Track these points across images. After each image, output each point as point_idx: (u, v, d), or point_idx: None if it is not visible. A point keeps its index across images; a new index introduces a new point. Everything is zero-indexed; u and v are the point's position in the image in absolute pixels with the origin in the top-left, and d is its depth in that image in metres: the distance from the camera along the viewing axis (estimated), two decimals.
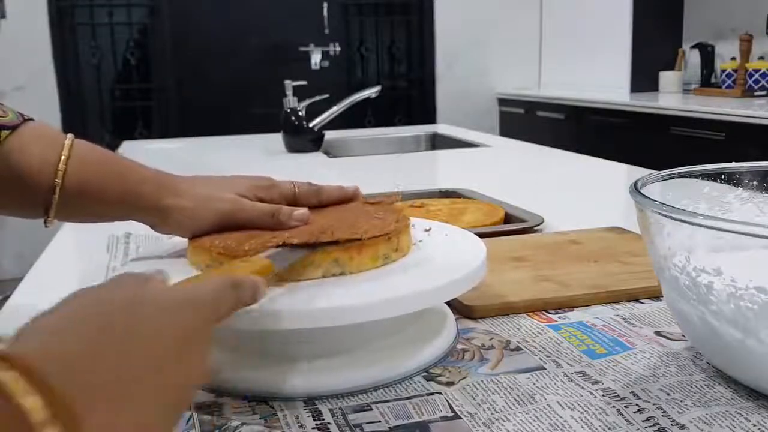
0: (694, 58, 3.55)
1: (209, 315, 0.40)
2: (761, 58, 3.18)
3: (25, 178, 0.57)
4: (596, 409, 0.49)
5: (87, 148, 0.60)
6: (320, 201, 0.66)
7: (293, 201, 0.64)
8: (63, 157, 0.57)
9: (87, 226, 0.68)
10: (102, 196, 0.59)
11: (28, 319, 0.32)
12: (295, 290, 0.52)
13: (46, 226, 0.61)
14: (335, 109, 2.07)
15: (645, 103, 3.13)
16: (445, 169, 1.83)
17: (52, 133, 0.59)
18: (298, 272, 0.54)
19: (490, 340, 0.61)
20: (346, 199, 0.68)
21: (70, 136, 0.59)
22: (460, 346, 0.60)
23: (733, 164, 0.62)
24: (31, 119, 0.60)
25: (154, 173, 0.62)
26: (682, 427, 0.46)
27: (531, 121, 3.94)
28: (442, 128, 2.56)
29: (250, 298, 0.45)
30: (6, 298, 0.77)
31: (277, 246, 0.54)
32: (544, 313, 0.67)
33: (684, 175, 0.61)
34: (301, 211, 0.61)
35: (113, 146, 2.39)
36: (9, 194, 0.59)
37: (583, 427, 0.47)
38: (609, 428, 0.47)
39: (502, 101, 4.30)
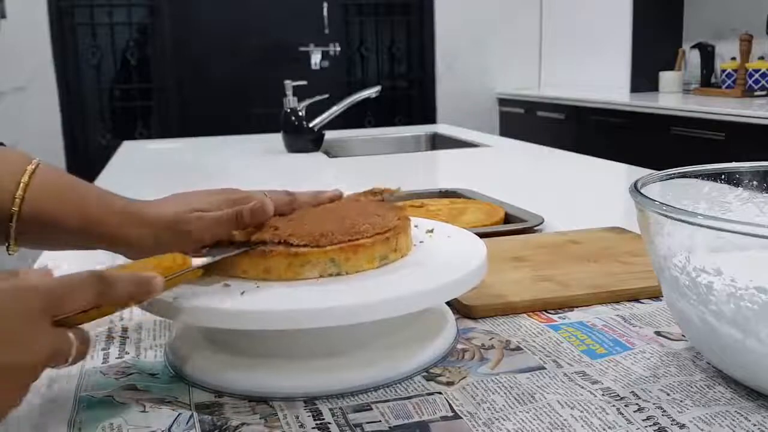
0: (694, 58, 3.55)
1: (42, 304, 0.43)
2: (761, 58, 3.18)
3: None
4: (596, 409, 0.49)
5: (51, 175, 0.57)
6: (294, 209, 0.64)
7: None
8: (22, 184, 0.55)
9: None
10: (61, 225, 0.57)
11: None
12: (294, 290, 0.52)
13: (9, 254, 0.59)
14: (335, 109, 2.07)
15: (645, 103, 3.13)
16: (445, 169, 1.83)
17: (16, 158, 0.57)
18: (296, 272, 0.54)
19: (490, 340, 0.61)
20: (321, 204, 0.66)
21: (35, 161, 0.57)
22: (460, 346, 0.60)
23: (733, 164, 0.62)
24: (1, 144, 0.59)
25: (122, 203, 0.59)
26: (682, 426, 0.46)
27: (531, 121, 3.94)
28: (442, 128, 2.56)
29: (124, 295, 0.47)
30: None
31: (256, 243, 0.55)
32: (544, 313, 0.67)
33: (684, 175, 0.61)
34: (257, 204, 0.59)
35: (113, 146, 2.39)
36: None
37: (583, 426, 0.47)
38: (609, 427, 0.47)
39: (502, 101, 4.30)
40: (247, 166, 1.82)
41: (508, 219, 1.04)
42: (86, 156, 3.83)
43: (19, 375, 0.42)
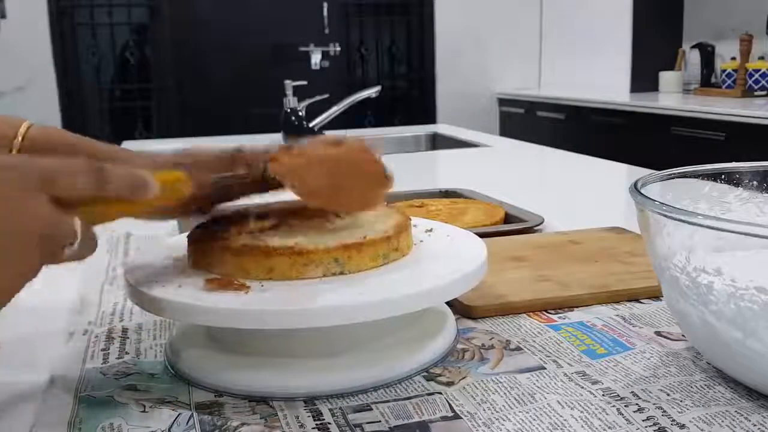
0: (694, 58, 3.55)
1: (38, 176, 0.42)
2: (761, 58, 3.18)
3: None
4: (596, 409, 0.49)
5: (40, 130, 0.58)
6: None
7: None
8: (16, 141, 0.56)
9: None
10: None
11: (27, 319, 0.32)
12: (294, 289, 0.52)
13: None
14: (335, 109, 2.07)
15: (645, 103, 3.13)
16: (445, 169, 1.83)
17: (9, 120, 0.58)
18: (299, 271, 0.54)
19: (490, 340, 0.61)
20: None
21: (25, 123, 0.57)
22: (460, 346, 0.60)
23: (733, 164, 0.62)
24: None
25: (106, 148, 0.59)
26: (682, 426, 0.46)
27: (531, 121, 3.94)
28: (442, 128, 2.56)
29: (122, 186, 0.45)
30: None
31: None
32: (544, 313, 0.67)
33: (684, 175, 0.61)
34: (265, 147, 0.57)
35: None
36: None
37: (583, 427, 0.47)
38: (609, 427, 0.47)
39: (502, 101, 4.30)
40: None
41: (508, 219, 1.04)
42: None
43: (15, 246, 0.42)
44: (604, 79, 3.87)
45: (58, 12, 3.68)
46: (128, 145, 2.35)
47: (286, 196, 0.60)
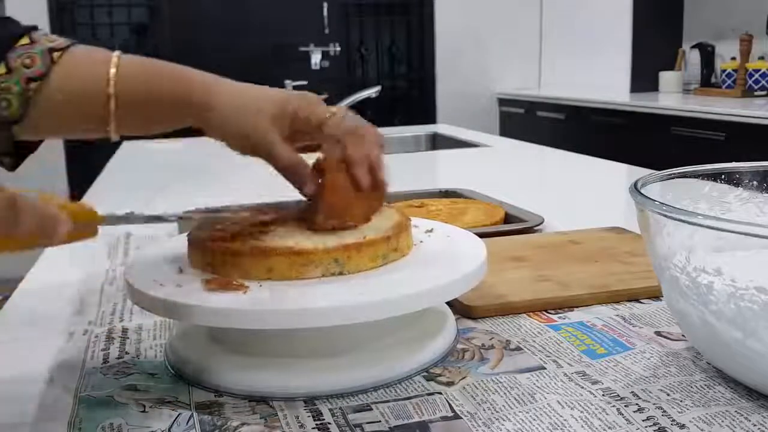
0: (694, 58, 3.55)
1: None
2: (761, 58, 3.18)
3: (82, 94, 0.60)
4: (596, 409, 0.49)
5: (135, 59, 0.63)
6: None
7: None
8: (112, 71, 0.60)
9: None
10: (155, 99, 0.61)
11: (27, 319, 0.32)
12: (293, 289, 0.52)
13: (111, 141, 0.63)
14: None
15: (645, 103, 3.13)
16: (445, 169, 1.82)
17: (100, 50, 0.62)
18: (299, 271, 0.54)
19: (490, 340, 0.61)
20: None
21: (117, 52, 0.61)
22: (460, 346, 0.60)
23: (733, 164, 0.62)
24: (76, 42, 0.63)
25: (200, 78, 0.63)
26: (682, 426, 0.46)
27: (531, 121, 3.94)
28: (442, 128, 2.56)
29: (27, 230, 0.41)
30: (6, 298, 0.77)
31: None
32: (544, 313, 0.67)
33: (684, 175, 0.61)
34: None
35: (113, 146, 2.39)
36: (70, 114, 0.61)
37: (583, 427, 0.47)
38: (609, 427, 0.47)
39: (502, 101, 4.30)
40: (248, 166, 1.81)
41: (508, 219, 1.04)
42: (86, 156, 3.82)
43: None
44: (604, 79, 3.87)
45: (58, 11, 3.68)
46: (128, 144, 2.34)
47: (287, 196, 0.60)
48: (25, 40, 0.61)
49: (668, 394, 0.51)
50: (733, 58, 3.25)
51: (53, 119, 0.62)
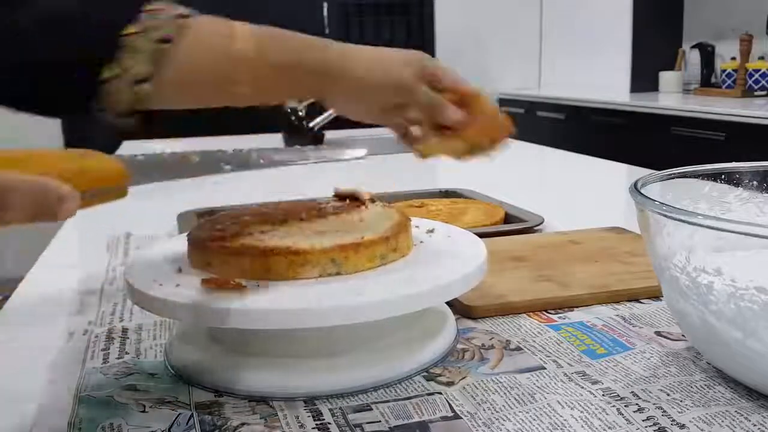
0: (694, 58, 3.55)
1: None
2: (761, 58, 3.18)
3: (212, 58, 0.63)
4: (596, 409, 0.49)
5: (259, 27, 0.67)
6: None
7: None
8: (243, 34, 0.65)
9: (86, 226, 0.68)
10: (290, 64, 0.65)
11: (27, 319, 0.32)
12: (290, 289, 0.52)
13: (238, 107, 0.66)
14: None
15: (645, 103, 3.13)
16: (445, 169, 1.82)
17: (221, 19, 0.67)
18: (296, 272, 0.54)
19: (490, 340, 0.61)
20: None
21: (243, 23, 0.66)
22: (460, 346, 0.60)
23: (733, 164, 0.62)
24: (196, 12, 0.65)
25: (321, 49, 0.66)
26: (682, 426, 0.46)
27: (531, 121, 3.94)
28: None
29: (21, 214, 0.34)
30: (6, 298, 0.77)
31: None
32: (544, 313, 0.67)
33: (684, 175, 0.61)
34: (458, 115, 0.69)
35: (113, 146, 2.40)
36: (198, 80, 0.63)
37: (583, 427, 0.47)
38: (609, 427, 0.47)
39: (502, 101, 4.30)
40: (247, 165, 1.82)
41: (508, 219, 1.04)
42: None
43: None
44: (604, 79, 3.87)
45: None
46: (128, 144, 2.35)
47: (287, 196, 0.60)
48: (152, 6, 0.62)
49: (668, 394, 0.51)
50: (733, 58, 3.25)
51: (181, 85, 0.63)
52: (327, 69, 0.65)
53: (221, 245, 0.56)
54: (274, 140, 2.08)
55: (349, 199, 0.64)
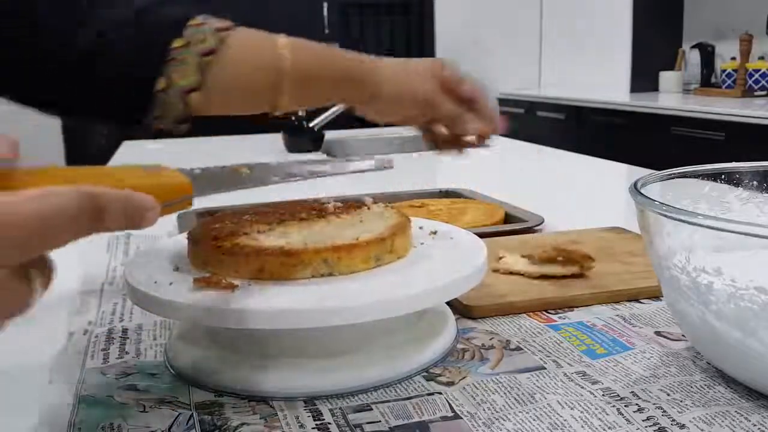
0: (694, 58, 3.55)
1: (19, 241, 0.32)
2: (761, 58, 3.18)
3: (253, 68, 0.67)
4: (596, 409, 0.49)
5: (301, 41, 0.70)
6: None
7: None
8: (284, 46, 0.67)
9: None
10: (325, 75, 0.70)
11: (27, 319, 0.32)
12: (292, 289, 0.52)
13: (275, 115, 0.70)
14: (335, 109, 2.06)
15: (645, 103, 3.13)
16: (445, 169, 1.82)
17: (261, 32, 0.70)
18: (288, 272, 0.54)
19: (490, 340, 0.61)
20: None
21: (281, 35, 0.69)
22: (460, 346, 0.60)
23: (733, 164, 0.62)
24: (237, 24, 0.69)
25: (357, 62, 0.73)
26: (682, 426, 0.46)
27: (531, 121, 3.94)
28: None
29: (115, 226, 0.36)
30: None
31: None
32: (544, 313, 0.67)
33: (684, 175, 0.61)
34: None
35: (113, 146, 2.40)
36: (241, 88, 0.68)
37: (583, 427, 0.47)
38: (609, 427, 0.47)
39: (502, 101, 4.30)
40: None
41: (508, 219, 1.04)
42: (86, 156, 3.82)
43: None
44: (604, 79, 3.87)
45: None
46: (128, 144, 2.35)
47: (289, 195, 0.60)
48: (195, 21, 0.65)
49: (668, 394, 0.51)
50: (733, 58, 3.25)
51: (225, 94, 0.67)
52: (363, 81, 0.71)
53: (216, 245, 0.56)
54: (274, 140, 2.08)
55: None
